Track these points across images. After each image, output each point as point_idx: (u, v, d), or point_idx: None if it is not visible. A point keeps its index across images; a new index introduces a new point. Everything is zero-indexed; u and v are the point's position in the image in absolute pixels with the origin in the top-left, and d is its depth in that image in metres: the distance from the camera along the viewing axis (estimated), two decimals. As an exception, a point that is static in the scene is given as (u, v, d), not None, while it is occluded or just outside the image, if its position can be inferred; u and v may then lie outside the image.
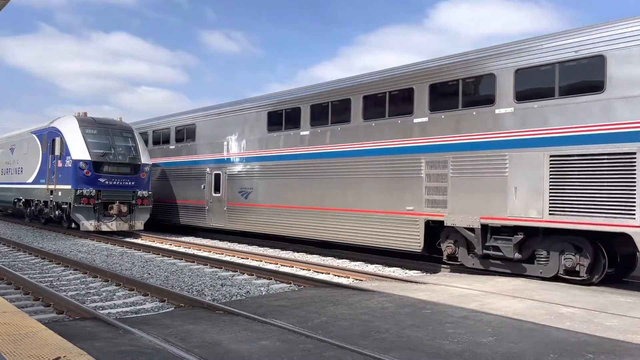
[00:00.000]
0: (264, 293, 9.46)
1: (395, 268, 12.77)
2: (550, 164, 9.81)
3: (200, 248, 16.13)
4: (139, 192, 19.54)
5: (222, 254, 14.94)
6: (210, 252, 15.39)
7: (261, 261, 13.60)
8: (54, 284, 10.06)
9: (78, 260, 12.43)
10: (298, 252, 15.65)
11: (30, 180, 21.99)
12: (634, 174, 8.82)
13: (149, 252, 15.08)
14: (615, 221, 9.00)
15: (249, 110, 17.16)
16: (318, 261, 13.59)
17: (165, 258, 13.97)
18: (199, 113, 19.79)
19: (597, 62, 9.36)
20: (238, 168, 17.49)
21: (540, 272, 10.18)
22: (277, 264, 13.15)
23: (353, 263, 13.61)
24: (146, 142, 22.03)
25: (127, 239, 18.01)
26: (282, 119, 15.91)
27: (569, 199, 9.56)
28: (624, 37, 9.10)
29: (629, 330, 6.41)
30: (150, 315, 7.45)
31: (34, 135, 22.25)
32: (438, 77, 11.76)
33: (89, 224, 18.46)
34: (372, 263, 13.49)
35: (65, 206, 19.00)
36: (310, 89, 15.32)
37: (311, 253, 15.29)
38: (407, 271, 12.38)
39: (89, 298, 8.85)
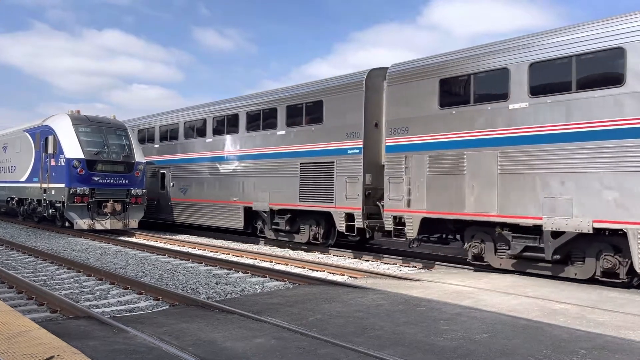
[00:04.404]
0: (258, 291, 9.46)
1: (390, 265, 12.82)
2: None
3: (194, 246, 16.11)
4: (133, 190, 19.48)
5: (217, 252, 14.93)
6: (204, 250, 15.37)
7: (256, 259, 13.60)
8: (48, 282, 10.02)
9: (72, 259, 12.39)
10: (293, 250, 15.67)
11: (23, 179, 21.87)
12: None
13: (143, 250, 15.05)
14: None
15: None
16: (313, 259, 13.61)
17: (160, 256, 13.94)
18: None
19: None
20: None
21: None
22: (271, 261, 13.15)
23: (348, 260, 13.63)
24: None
25: (121, 238, 17.96)
26: None
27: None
28: None
29: (622, 326, 6.46)
30: (145, 314, 7.44)
31: (26, 134, 22.12)
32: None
33: (82, 223, 18.40)
34: (366, 260, 13.53)
35: (59, 205, 18.92)
36: None
37: (306, 250, 15.31)
38: (401, 268, 12.42)
39: (82, 297, 8.83)
